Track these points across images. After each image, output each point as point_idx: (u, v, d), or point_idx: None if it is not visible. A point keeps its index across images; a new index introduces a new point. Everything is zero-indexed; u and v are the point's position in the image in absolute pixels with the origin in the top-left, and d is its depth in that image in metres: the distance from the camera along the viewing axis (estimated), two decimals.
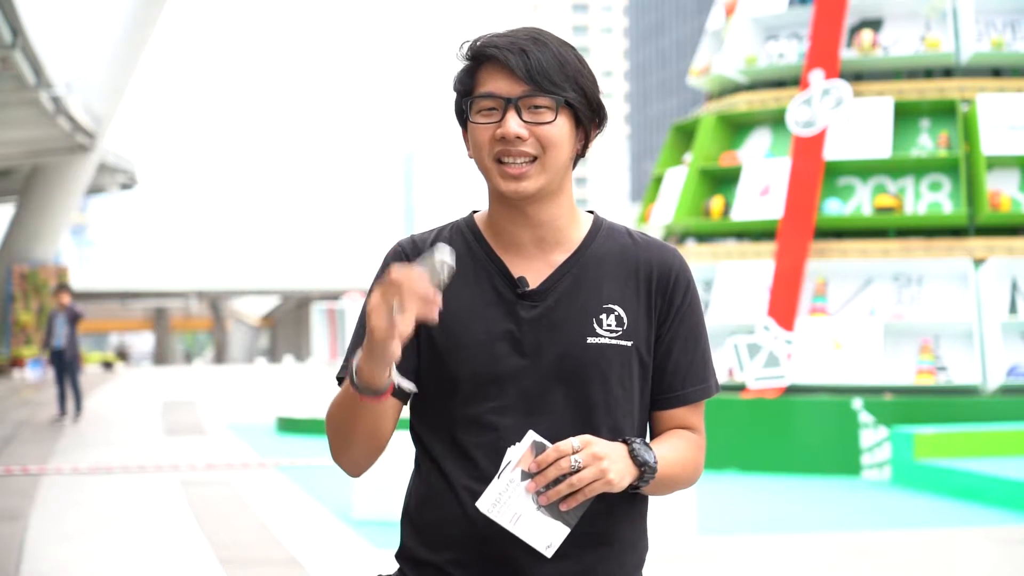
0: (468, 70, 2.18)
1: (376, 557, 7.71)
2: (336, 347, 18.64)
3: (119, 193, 54.02)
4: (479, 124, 2.15)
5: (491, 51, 2.14)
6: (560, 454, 2.01)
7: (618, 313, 2.17)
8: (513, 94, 2.12)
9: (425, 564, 2.18)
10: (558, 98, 2.12)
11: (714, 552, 8.01)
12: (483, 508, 2.03)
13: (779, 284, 12.25)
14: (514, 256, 2.20)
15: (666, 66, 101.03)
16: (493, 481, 2.04)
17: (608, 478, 2.03)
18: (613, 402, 2.16)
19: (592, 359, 2.14)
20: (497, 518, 2.03)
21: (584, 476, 2.01)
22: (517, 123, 2.12)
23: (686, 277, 2.22)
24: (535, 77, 2.12)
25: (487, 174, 2.17)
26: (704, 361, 2.25)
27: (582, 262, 2.19)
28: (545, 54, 2.13)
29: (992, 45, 12.85)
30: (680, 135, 14.63)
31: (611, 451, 2.05)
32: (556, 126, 2.13)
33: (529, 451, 2.03)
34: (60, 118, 33.34)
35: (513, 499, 2.03)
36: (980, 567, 7.70)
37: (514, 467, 2.03)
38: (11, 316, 40.13)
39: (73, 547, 8.36)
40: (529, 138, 2.12)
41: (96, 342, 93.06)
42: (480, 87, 2.16)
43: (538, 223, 2.18)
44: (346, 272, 69.91)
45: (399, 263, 2.18)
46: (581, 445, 2.02)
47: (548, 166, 2.14)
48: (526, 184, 2.13)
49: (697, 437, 2.26)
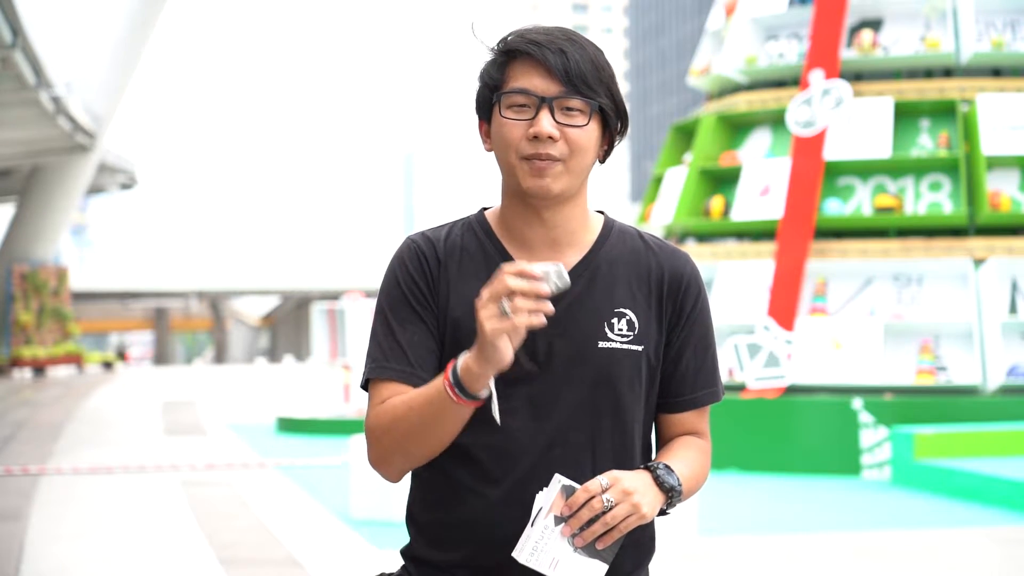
0: (499, 64, 2.15)
1: (375, 557, 7.71)
2: (336, 347, 18.59)
3: (119, 193, 54.03)
4: (510, 120, 2.12)
5: (528, 47, 2.11)
6: (590, 494, 2.00)
7: (629, 317, 2.15)
8: (549, 93, 2.10)
9: (429, 564, 2.18)
10: (592, 103, 2.10)
11: (714, 552, 8.01)
12: (521, 559, 2.02)
13: (779, 284, 12.25)
14: (526, 256, 2.17)
15: (666, 66, 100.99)
16: (526, 529, 2.02)
17: (642, 512, 2.02)
18: (622, 406, 2.15)
19: (603, 363, 2.13)
20: (536, 566, 2.02)
21: (617, 514, 2.00)
22: (550, 123, 2.09)
23: (697, 283, 2.22)
24: (572, 79, 2.09)
25: (511, 171, 2.13)
26: (713, 366, 2.25)
27: (594, 265, 2.17)
28: (583, 56, 2.11)
29: (992, 45, 12.84)
30: (680, 135, 14.63)
31: (639, 484, 2.04)
32: (587, 130, 2.11)
33: (560, 495, 2.02)
34: (60, 118, 33.35)
35: (550, 545, 2.02)
36: (980, 567, 7.69)
37: (547, 513, 2.01)
38: (11, 316, 40.12)
39: (73, 547, 8.36)
40: (559, 140, 2.10)
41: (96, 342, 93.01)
42: (513, 82, 2.12)
43: (552, 225, 2.16)
44: (346, 272, 69.86)
45: (413, 259, 2.17)
46: (610, 483, 2.01)
47: (573, 169, 2.12)
48: (551, 183, 2.11)
49: (704, 443, 2.26)
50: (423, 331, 2.15)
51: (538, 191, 2.11)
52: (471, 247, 2.19)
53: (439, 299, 2.16)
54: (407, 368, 2.13)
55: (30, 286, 40.64)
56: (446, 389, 2.02)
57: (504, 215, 2.20)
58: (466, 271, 2.17)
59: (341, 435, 15.09)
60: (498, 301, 1.94)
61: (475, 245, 2.19)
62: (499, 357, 1.95)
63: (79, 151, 38.83)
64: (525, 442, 2.11)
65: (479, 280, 2.14)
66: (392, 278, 2.19)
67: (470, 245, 2.19)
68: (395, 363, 2.13)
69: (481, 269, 2.16)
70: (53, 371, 40.45)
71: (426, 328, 2.15)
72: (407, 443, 2.09)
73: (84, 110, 35.67)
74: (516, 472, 2.11)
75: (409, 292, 2.16)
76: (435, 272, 2.17)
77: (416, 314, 2.15)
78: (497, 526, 2.08)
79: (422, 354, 2.14)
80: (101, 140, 39.48)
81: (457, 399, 2.01)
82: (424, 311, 2.16)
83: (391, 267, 2.20)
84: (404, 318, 2.15)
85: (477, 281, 2.14)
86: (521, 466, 2.11)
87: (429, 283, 2.16)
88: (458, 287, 2.16)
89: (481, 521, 2.12)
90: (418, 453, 2.10)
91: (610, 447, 2.15)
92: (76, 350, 42.26)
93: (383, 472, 2.16)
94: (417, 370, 2.13)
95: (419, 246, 2.20)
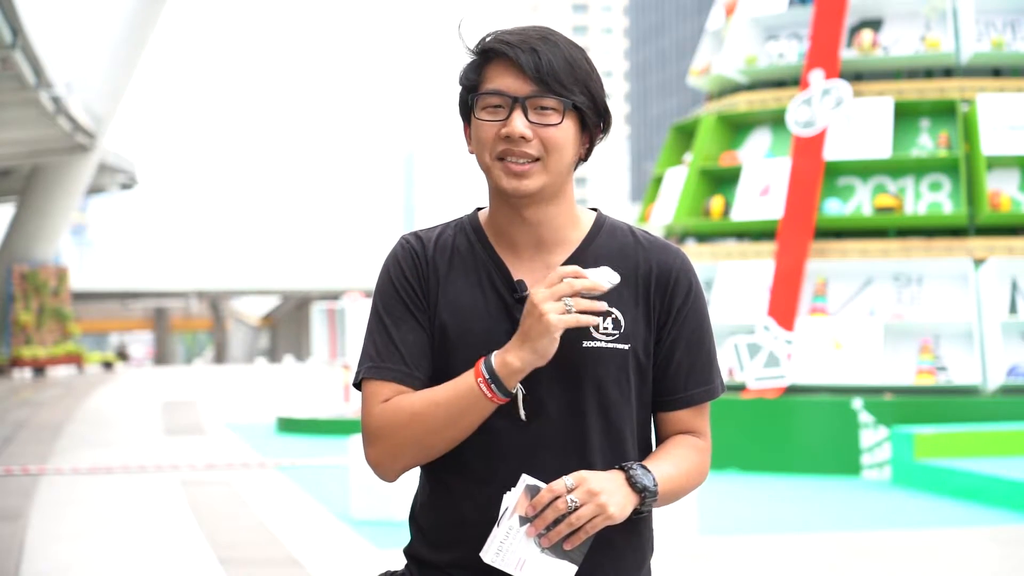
0: (475, 65, 2.15)
1: (375, 557, 7.71)
2: (336, 347, 18.59)
3: (119, 193, 54.04)
4: (484, 121, 2.13)
5: (501, 48, 2.12)
6: (554, 495, 2.00)
7: (615, 316, 2.14)
8: (521, 93, 2.10)
9: (428, 564, 2.18)
10: (566, 100, 2.10)
11: (714, 552, 8.01)
12: (487, 558, 2.02)
13: (779, 284, 12.25)
14: (514, 257, 2.18)
15: (666, 66, 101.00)
16: (493, 530, 2.02)
17: (608, 513, 2.01)
18: (609, 405, 2.14)
19: (588, 362, 2.13)
20: (502, 566, 2.01)
21: (582, 514, 2.00)
22: (523, 123, 2.09)
23: (687, 278, 2.19)
24: (544, 77, 2.09)
25: (488, 171, 2.14)
26: (708, 363, 2.22)
27: (580, 264, 2.16)
28: (556, 54, 2.10)
29: (992, 45, 12.84)
30: (680, 135, 14.63)
31: (607, 484, 2.03)
32: (561, 129, 2.11)
33: (524, 495, 2.01)
34: (60, 118, 33.35)
35: (516, 545, 2.01)
36: (980, 567, 7.69)
37: (512, 513, 2.01)
38: (11, 316, 40.12)
39: (73, 547, 8.37)
40: (533, 139, 2.10)
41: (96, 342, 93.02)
42: (487, 83, 2.13)
43: (536, 224, 2.16)
44: (346, 272, 69.88)
45: (407, 258, 2.17)
46: (575, 483, 2.00)
47: (550, 168, 2.12)
48: (527, 183, 2.11)
49: (701, 441, 2.24)
50: (418, 330, 2.16)
51: (514, 191, 2.12)
52: (462, 247, 2.19)
53: (429, 298, 2.17)
54: (403, 368, 2.14)
55: (30, 286, 40.65)
56: (479, 386, 2.04)
57: (492, 217, 2.21)
58: (456, 271, 2.17)
59: (341, 435, 15.10)
60: (559, 298, 2.01)
61: (465, 246, 2.20)
62: (550, 351, 2.03)
63: (79, 151, 38.82)
64: (512, 443, 2.11)
65: (468, 280, 2.15)
66: (386, 278, 2.19)
67: (461, 246, 2.19)
68: (391, 363, 2.14)
69: (470, 270, 2.17)
70: (53, 371, 40.45)
71: (420, 328, 2.16)
72: (427, 439, 2.10)
73: (84, 110, 35.67)
74: (504, 473, 2.11)
75: (403, 291, 2.17)
76: (427, 272, 2.18)
77: (410, 313, 2.16)
78: (487, 526, 2.08)
79: (417, 354, 2.15)
80: (101, 140, 39.47)
81: (491, 396, 2.04)
82: (418, 311, 2.16)
83: (385, 267, 2.21)
84: (399, 318, 2.16)
85: (466, 281, 2.15)
86: (509, 467, 2.11)
87: (422, 283, 2.17)
88: (446, 287, 2.17)
89: (472, 521, 2.12)
90: (435, 449, 2.11)
91: (598, 447, 2.14)
92: (76, 350, 42.26)
93: (384, 470, 2.16)
94: (413, 371, 2.14)
95: (412, 246, 2.20)
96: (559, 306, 2.01)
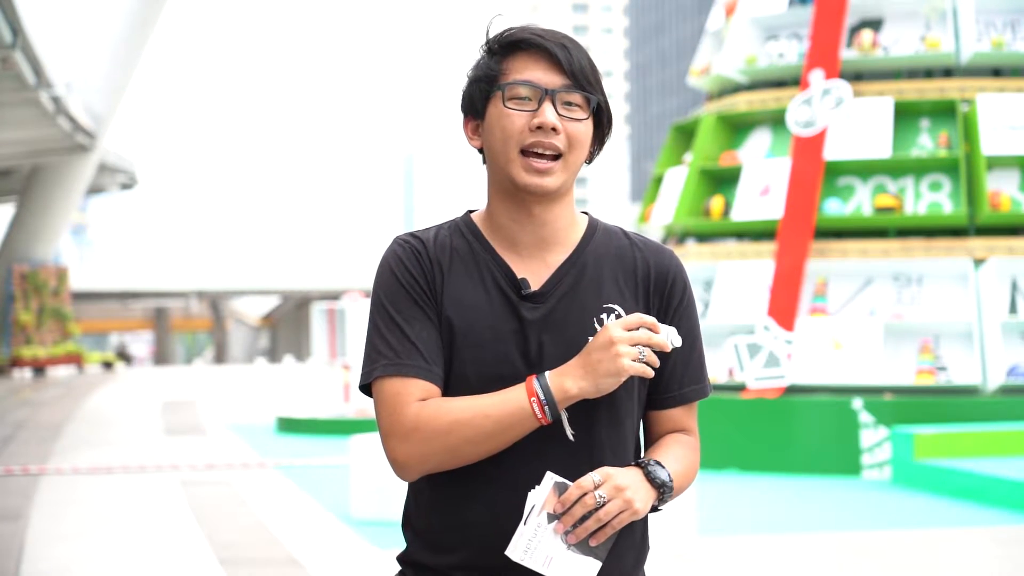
0: (498, 57, 2.16)
1: (375, 557, 7.72)
2: (336, 347, 18.58)
3: (119, 193, 54.01)
4: (512, 111, 2.13)
5: (536, 40, 2.14)
6: (583, 491, 2.01)
7: (618, 312, 2.16)
8: (552, 85, 2.12)
9: (429, 569, 2.17)
10: (592, 98, 2.14)
11: (714, 552, 8.01)
12: (515, 556, 2.02)
13: (779, 284, 12.25)
14: (513, 255, 2.18)
15: (666, 66, 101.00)
16: (520, 527, 2.02)
17: (635, 508, 2.03)
18: (616, 400, 2.15)
19: None
20: (530, 564, 2.02)
21: (610, 510, 2.01)
22: (554, 114, 2.11)
23: (683, 279, 2.23)
24: (575, 73, 2.12)
25: (507, 165, 2.14)
26: (700, 362, 2.25)
27: (580, 263, 2.18)
28: (582, 54, 2.14)
29: (992, 45, 12.84)
30: (680, 135, 14.63)
31: (631, 480, 2.05)
32: (586, 125, 2.14)
33: (552, 492, 2.03)
34: (60, 118, 33.33)
35: (543, 542, 2.02)
36: (980, 567, 7.69)
37: (539, 511, 2.02)
38: (11, 316, 40.12)
39: (73, 547, 8.37)
40: (561, 132, 2.12)
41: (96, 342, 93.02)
42: (516, 74, 2.14)
43: (542, 223, 2.17)
44: (346, 272, 69.83)
45: (410, 257, 2.16)
46: (602, 479, 2.02)
47: (570, 165, 2.14)
48: (548, 180, 2.13)
49: (692, 440, 2.26)
50: (430, 328, 2.14)
51: (536, 187, 2.12)
52: (460, 247, 2.19)
53: (435, 296, 2.16)
54: (424, 365, 2.12)
55: (30, 286, 40.64)
56: (532, 405, 2.06)
57: (492, 215, 2.20)
58: (457, 270, 2.17)
59: (341, 435, 15.10)
60: (635, 344, 2.04)
61: (463, 245, 2.19)
62: (609, 389, 2.07)
63: (79, 151, 38.81)
64: (521, 442, 2.11)
65: (470, 280, 2.15)
66: (391, 277, 2.17)
67: (459, 245, 2.19)
68: (411, 360, 2.12)
69: (471, 268, 2.17)
70: (53, 371, 40.44)
71: (432, 325, 2.14)
72: (464, 448, 2.08)
73: (84, 110, 35.67)
74: (512, 472, 2.10)
75: (411, 289, 2.15)
76: (431, 270, 2.17)
77: (421, 310, 2.14)
78: (494, 527, 2.08)
79: (433, 351, 2.13)
80: (101, 140, 39.46)
81: (541, 416, 2.06)
82: (428, 308, 2.15)
83: (387, 267, 2.18)
84: (411, 315, 2.14)
85: (468, 279, 2.15)
86: (516, 466, 2.10)
87: (428, 280, 2.16)
88: (449, 285, 2.16)
89: (478, 522, 2.11)
90: (467, 459, 2.10)
91: (606, 443, 2.14)
92: (76, 350, 42.25)
93: (409, 470, 2.12)
94: (432, 367, 2.12)
95: (413, 245, 2.19)
96: (634, 352, 2.04)
